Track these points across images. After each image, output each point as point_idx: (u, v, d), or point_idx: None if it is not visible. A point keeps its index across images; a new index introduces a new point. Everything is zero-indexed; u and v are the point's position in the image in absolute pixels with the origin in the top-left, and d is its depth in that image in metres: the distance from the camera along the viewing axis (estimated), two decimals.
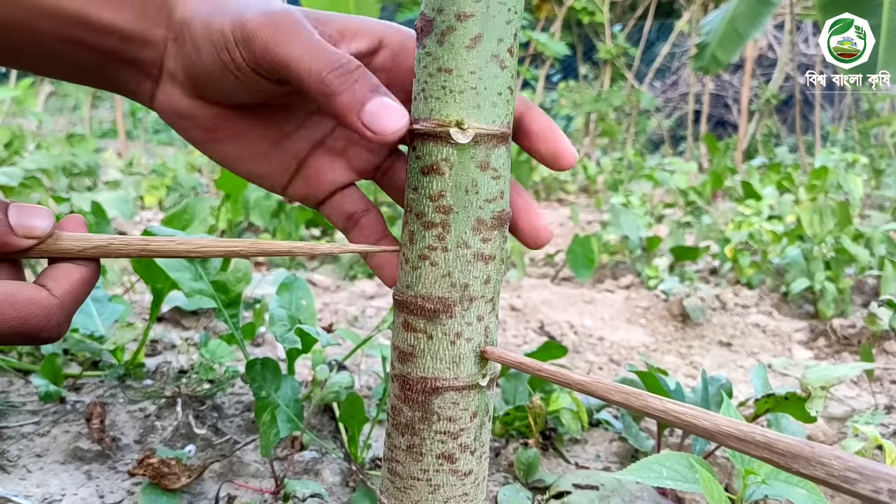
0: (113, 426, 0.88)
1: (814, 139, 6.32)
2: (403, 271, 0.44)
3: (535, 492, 0.82)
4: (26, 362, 1.03)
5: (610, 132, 7.17)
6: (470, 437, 0.45)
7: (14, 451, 0.82)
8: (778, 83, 7.07)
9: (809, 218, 1.87)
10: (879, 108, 5.86)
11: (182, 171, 3.80)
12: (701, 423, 0.35)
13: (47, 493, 0.75)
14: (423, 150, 0.42)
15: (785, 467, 0.32)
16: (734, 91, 8.40)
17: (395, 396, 0.45)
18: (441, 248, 0.42)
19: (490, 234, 0.43)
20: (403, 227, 0.44)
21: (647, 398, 0.37)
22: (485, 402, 0.45)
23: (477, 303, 0.43)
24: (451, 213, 0.42)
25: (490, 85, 0.41)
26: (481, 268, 0.43)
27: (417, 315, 0.43)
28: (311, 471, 0.82)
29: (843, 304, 1.73)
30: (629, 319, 1.78)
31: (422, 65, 0.42)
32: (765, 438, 0.33)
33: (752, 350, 1.59)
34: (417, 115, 0.42)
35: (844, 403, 1.22)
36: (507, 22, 0.41)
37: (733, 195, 3.73)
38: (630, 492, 0.76)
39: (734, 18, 4.24)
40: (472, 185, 0.42)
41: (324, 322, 1.51)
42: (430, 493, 0.45)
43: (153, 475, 0.73)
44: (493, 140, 0.41)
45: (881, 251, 1.98)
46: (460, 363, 0.43)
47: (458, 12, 0.40)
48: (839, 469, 0.31)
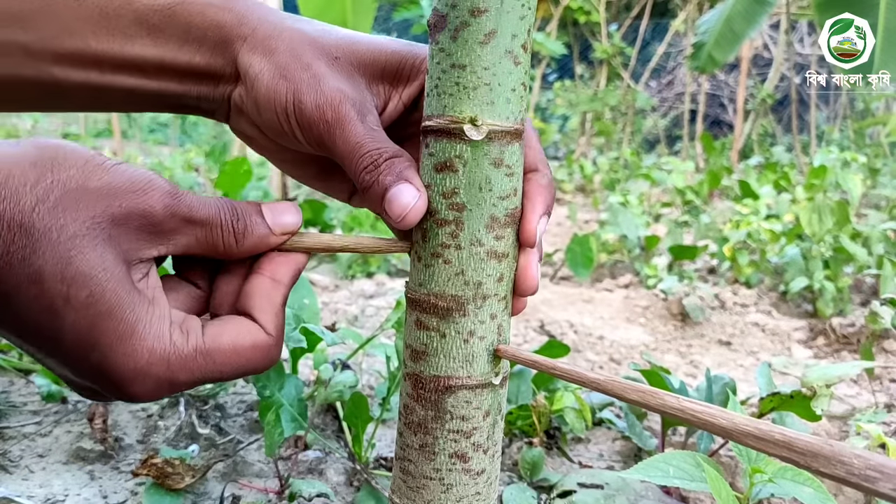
0: (115, 426, 0.88)
1: (809, 139, 6.34)
2: (416, 269, 0.44)
3: (539, 490, 0.82)
4: (27, 362, 1.02)
5: (606, 132, 7.18)
6: (483, 435, 0.44)
7: (16, 452, 0.82)
8: (773, 83, 7.09)
9: (808, 217, 1.88)
10: (875, 107, 5.88)
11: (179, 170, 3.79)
12: (719, 422, 0.35)
13: (50, 493, 0.74)
14: (437, 147, 0.41)
15: (805, 466, 0.32)
16: (730, 91, 8.42)
17: (407, 395, 0.45)
18: (454, 246, 0.42)
19: (503, 231, 0.42)
20: (415, 224, 0.44)
21: (663, 397, 0.37)
22: (497, 401, 0.45)
23: (490, 301, 0.43)
24: (465, 211, 0.41)
25: (504, 81, 0.40)
26: (494, 265, 0.42)
27: (430, 313, 0.43)
28: (316, 470, 0.82)
29: (841, 302, 1.74)
30: (629, 318, 1.78)
31: (435, 61, 0.41)
32: (784, 437, 0.33)
33: (752, 349, 1.60)
34: (430, 112, 0.42)
35: (845, 402, 1.22)
36: (521, 17, 0.41)
37: (730, 194, 3.74)
38: (635, 490, 0.76)
39: (731, 18, 4.24)
40: (486, 183, 0.41)
41: (324, 321, 1.51)
42: (443, 493, 0.44)
43: (157, 475, 0.72)
44: (506, 137, 0.41)
45: (879, 250, 1.99)
46: (473, 362, 0.43)
47: (472, 8, 0.39)
48: (860, 468, 0.31)
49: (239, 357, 0.41)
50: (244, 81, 0.47)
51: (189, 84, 0.49)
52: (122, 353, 0.37)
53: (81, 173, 0.37)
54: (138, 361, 0.37)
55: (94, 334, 0.36)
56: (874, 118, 5.46)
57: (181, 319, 0.40)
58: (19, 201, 0.34)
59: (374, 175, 0.43)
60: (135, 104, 0.51)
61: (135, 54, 0.47)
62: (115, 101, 0.50)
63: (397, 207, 0.41)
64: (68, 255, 0.35)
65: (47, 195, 0.35)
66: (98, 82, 0.48)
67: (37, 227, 0.35)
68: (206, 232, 0.41)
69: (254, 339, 0.42)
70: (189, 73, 0.48)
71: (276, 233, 0.44)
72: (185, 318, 0.41)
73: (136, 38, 0.47)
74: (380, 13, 7.22)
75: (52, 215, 0.35)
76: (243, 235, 0.42)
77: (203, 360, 0.40)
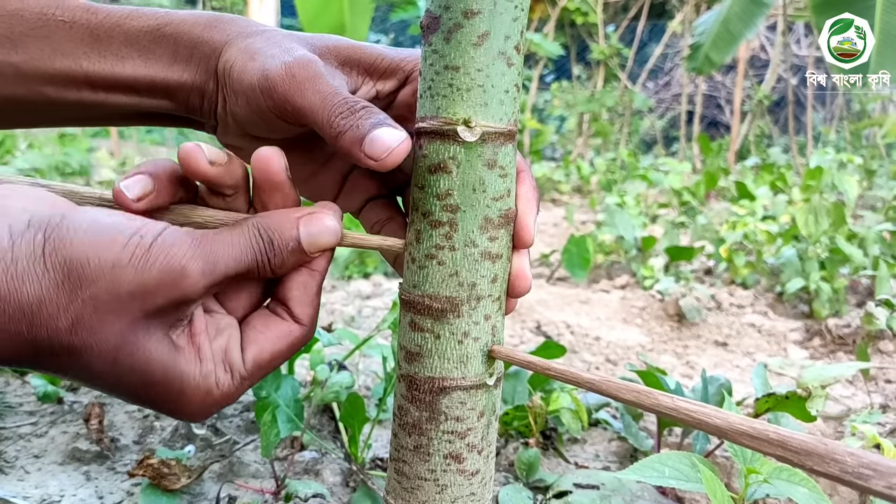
0: (111, 427, 0.88)
1: (806, 140, 6.35)
2: (410, 270, 0.44)
3: (535, 491, 0.82)
4: None
5: (603, 132, 7.19)
6: (477, 436, 0.44)
7: (11, 452, 0.81)
8: (770, 84, 7.11)
9: (804, 218, 1.88)
10: (871, 109, 5.89)
11: None
12: (713, 421, 0.35)
13: (46, 494, 0.74)
14: (430, 149, 0.42)
15: (799, 465, 0.32)
16: (727, 92, 8.43)
17: (401, 396, 0.45)
18: (448, 247, 0.42)
19: (497, 232, 0.43)
20: (409, 226, 0.44)
21: (657, 396, 0.37)
22: (492, 402, 0.45)
23: (484, 302, 0.43)
24: (459, 212, 0.41)
25: (497, 82, 0.41)
26: (489, 266, 0.43)
27: (424, 315, 0.43)
28: (312, 471, 0.82)
29: (837, 303, 1.74)
30: (625, 319, 1.79)
31: (428, 62, 0.41)
32: (778, 436, 0.33)
33: (748, 350, 1.60)
34: (423, 114, 0.42)
35: (840, 403, 1.22)
36: (514, 19, 0.41)
37: (727, 195, 3.75)
38: (631, 491, 0.76)
39: (727, 19, 4.25)
40: (480, 184, 0.41)
41: (321, 322, 1.51)
42: (438, 493, 0.44)
43: (153, 476, 0.72)
44: (500, 138, 0.41)
45: (875, 251, 1.99)
46: (468, 363, 0.43)
47: (465, 9, 0.39)
48: (853, 466, 0.31)
49: (280, 360, 0.43)
50: (223, 82, 0.47)
51: (179, 100, 0.49)
52: (176, 408, 0.40)
53: (110, 282, 0.36)
54: (192, 407, 0.40)
55: (150, 396, 0.39)
56: (870, 120, 5.47)
57: (222, 354, 0.41)
58: (56, 327, 0.35)
59: (350, 120, 0.42)
60: (127, 120, 0.52)
61: (126, 74, 0.48)
62: (108, 118, 0.51)
63: (380, 146, 0.41)
64: (112, 359, 0.37)
65: (81, 316, 0.36)
66: (91, 100, 0.49)
67: (77, 347, 0.36)
68: (243, 275, 0.41)
69: (290, 341, 0.43)
70: (179, 90, 0.49)
71: (310, 254, 0.42)
72: (226, 351, 0.42)
73: (127, 59, 0.48)
74: (377, 14, 7.22)
75: (90, 333, 0.36)
76: (280, 267, 0.42)
77: (249, 382, 0.43)
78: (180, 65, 0.48)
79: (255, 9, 3.57)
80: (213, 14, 0.50)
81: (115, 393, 0.39)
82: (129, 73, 0.48)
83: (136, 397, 0.40)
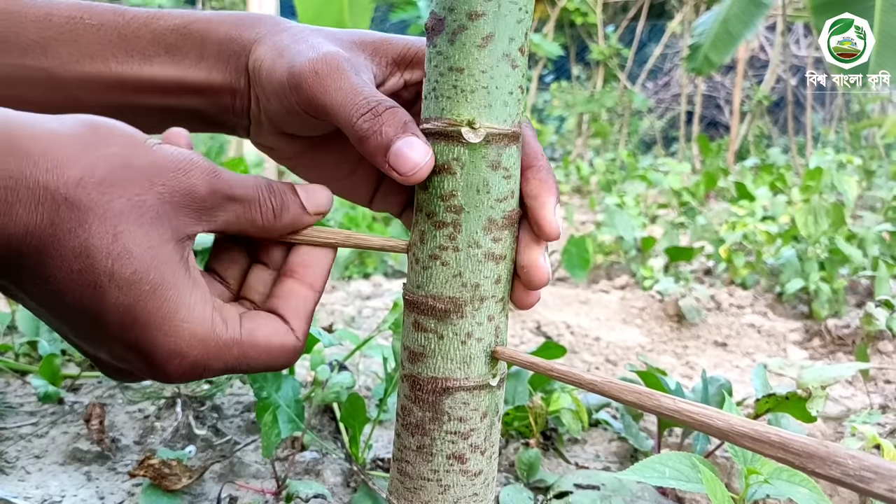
0: (112, 427, 0.88)
1: (805, 140, 6.36)
2: (414, 271, 0.44)
3: (536, 491, 0.82)
4: (24, 363, 1.02)
5: (602, 133, 7.19)
6: (480, 437, 0.45)
7: (12, 453, 0.82)
8: (769, 84, 7.11)
9: (804, 219, 1.88)
10: (870, 109, 5.90)
11: None
12: (715, 423, 0.35)
13: (46, 494, 0.74)
14: (434, 150, 0.42)
15: (800, 467, 0.32)
16: (726, 92, 8.43)
17: (404, 397, 0.45)
18: (452, 248, 0.42)
19: (501, 233, 0.43)
20: (413, 226, 0.44)
21: (659, 398, 0.37)
22: (495, 402, 0.45)
23: (488, 303, 0.43)
24: (463, 213, 0.42)
25: (501, 84, 0.41)
26: (492, 267, 0.43)
27: (428, 315, 0.43)
28: (312, 471, 0.82)
29: (837, 304, 1.74)
30: (625, 320, 1.79)
31: (432, 64, 0.42)
32: (780, 438, 0.33)
33: (748, 350, 1.60)
34: (428, 115, 0.42)
35: (840, 403, 1.22)
36: (519, 21, 0.41)
37: (726, 196, 3.75)
38: (631, 491, 0.76)
39: (727, 20, 4.26)
40: (484, 185, 0.41)
41: (321, 323, 1.51)
42: (441, 494, 0.44)
43: (154, 476, 0.72)
44: (504, 140, 0.41)
45: (874, 252, 1.99)
46: (471, 363, 0.43)
47: (470, 11, 0.40)
48: (854, 469, 0.31)
49: (268, 355, 0.42)
50: (254, 80, 0.48)
51: (208, 100, 0.49)
52: (163, 332, 0.37)
53: (126, 150, 0.36)
54: (179, 342, 0.37)
55: (137, 311, 0.36)
56: (870, 120, 5.48)
57: (220, 306, 0.41)
58: (63, 174, 0.34)
59: (373, 124, 0.41)
60: (159, 123, 0.51)
61: (154, 74, 0.48)
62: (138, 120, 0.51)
63: (407, 163, 0.40)
64: (115, 230, 0.35)
65: (92, 170, 0.35)
66: (120, 102, 0.49)
67: (83, 202, 0.34)
68: (246, 208, 0.41)
69: (283, 341, 0.43)
70: (207, 89, 0.49)
71: (310, 212, 0.43)
72: (224, 307, 0.41)
73: (155, 58, 0.48)
74: (377, 14, 7.22)
75: (98, 190, 0.35)
76: (281, 211, 0.42)
77: (237, 352, 0.40)
78: (208, 62, 0.48)
79: (254, 9, 3.57)
80: (240, 13, 0.50)
81: (96, 295, 0.35)
82: (156, 72, 0.48)
83: (118, 309, 0.36)
